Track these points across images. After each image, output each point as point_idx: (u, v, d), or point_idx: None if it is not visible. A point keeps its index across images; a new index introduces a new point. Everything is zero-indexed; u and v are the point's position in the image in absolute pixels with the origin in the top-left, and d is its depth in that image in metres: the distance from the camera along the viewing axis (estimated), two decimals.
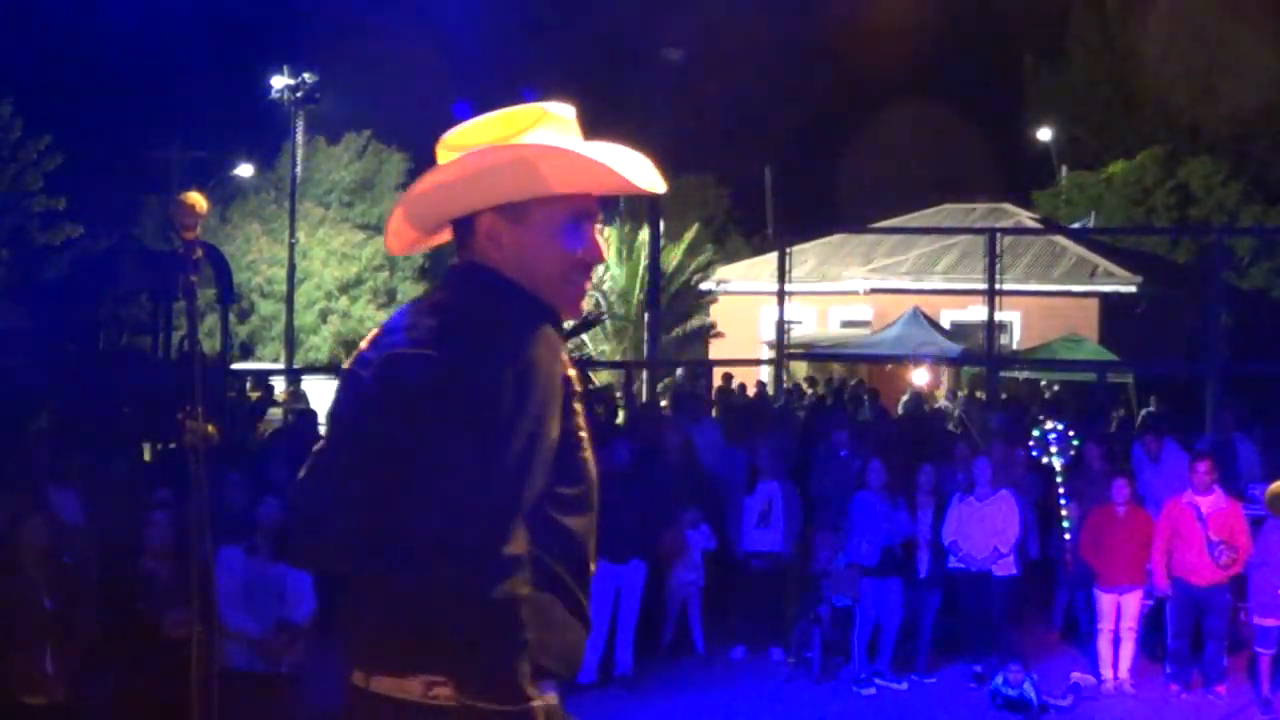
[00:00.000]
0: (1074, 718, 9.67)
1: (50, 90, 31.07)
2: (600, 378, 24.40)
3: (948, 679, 10.55)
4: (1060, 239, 28.72)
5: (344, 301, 34.09)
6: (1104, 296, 27.98)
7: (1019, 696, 9.50)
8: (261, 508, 7.42)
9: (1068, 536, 11.18)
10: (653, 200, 24.44)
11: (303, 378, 27.09)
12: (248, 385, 22.71)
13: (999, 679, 9.61)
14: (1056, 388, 24.27)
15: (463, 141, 2.58)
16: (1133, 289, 27.98)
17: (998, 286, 18.25)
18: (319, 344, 33.44)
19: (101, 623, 7.12)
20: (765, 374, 23.28)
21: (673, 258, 30.02)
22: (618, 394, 21.00)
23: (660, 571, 10.75)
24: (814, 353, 26.02)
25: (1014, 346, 26.70)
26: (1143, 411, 19.50)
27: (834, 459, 12.40)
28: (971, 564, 10.39)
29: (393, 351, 2.49)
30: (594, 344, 28.66)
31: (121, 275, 20.98)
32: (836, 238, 30.61)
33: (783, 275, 19.06)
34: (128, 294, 21.45)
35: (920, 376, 24.10)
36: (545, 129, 2.57)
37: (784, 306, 19.23)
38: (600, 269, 30.59)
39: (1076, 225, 32.42)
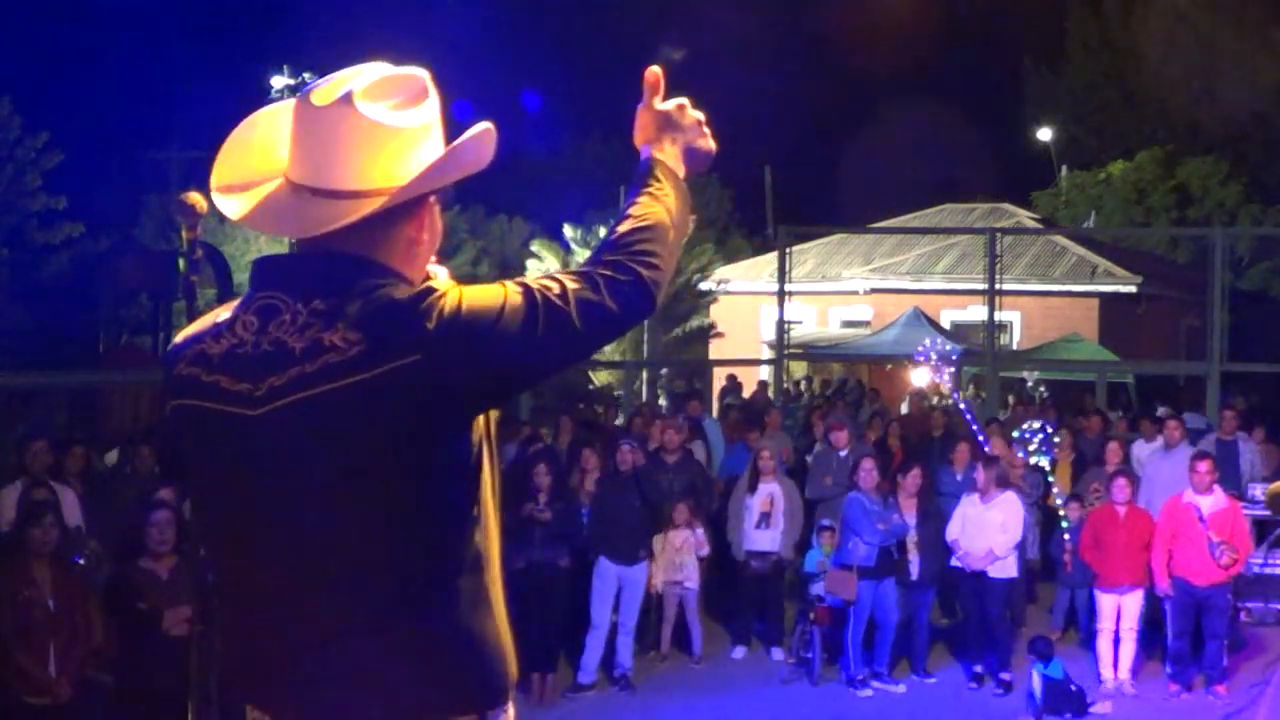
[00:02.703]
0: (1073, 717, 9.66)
1: (49, 88, 31.09)
2: (600, 378, 24.38)
3: (947, 679, 10.54)
4: (1060, 239, 28.72)
5: None
6: (1104, 296, 27.98)
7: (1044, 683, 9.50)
8: None
9: (1067, 537, 11.18)
10: None
11: None
12: None
13: (1037, 671, 9.53)
14: (1036, 384, 24.26)
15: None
16: (1133, 289, 27.99)
17: (998, 286, 18.25)
18: None
19: (103, 622, 7.12)
20: (765, 374, 23.27)
21: None
22: (618, 393, 20.98)
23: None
24: (814, 352, 26.02)
25: (1014, 346, 26.70)
26: (1159, 411, 19.53)
27: (833, 458, 12.39)
28: (970, 564, 10.38)
29: (346, 382, 2.12)
30: None
31: (121, 275, 21.00)
32: (836, 238, 30.62)
33: (783, 275, 19.06)
34: (128, 294, 21.46)
35: (920, 377, 24.08)
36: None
37: (784, 306, 19.23)
38: None
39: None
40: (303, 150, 2.26)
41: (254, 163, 2.35)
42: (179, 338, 2.37)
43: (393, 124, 2.23)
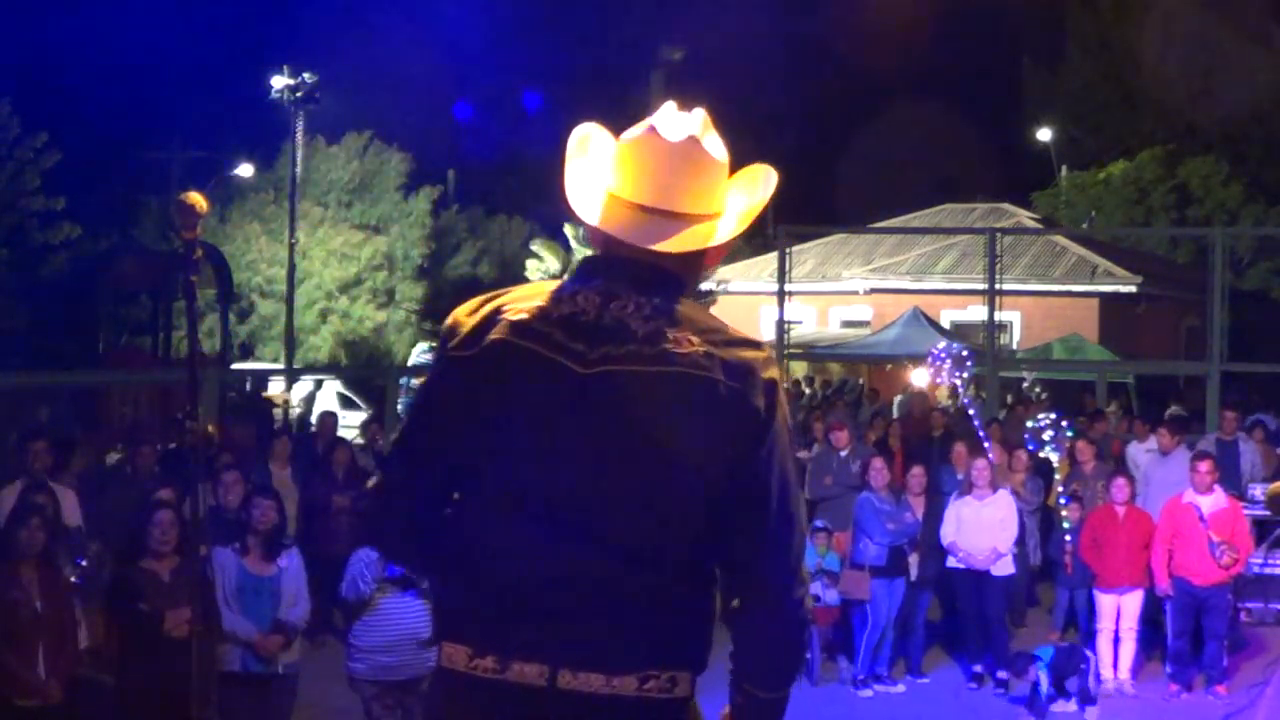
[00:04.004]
0: (1073, 718, 9.66)
1: (49, 88, 31.05)
2: None
3: (946, 679, 10.53)
4: (1060, 239, 28.73)
5: (344, 301, 34.10)
6: (1104, 296, 27.98)
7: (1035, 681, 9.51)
8: (252, 509, 7.40)
9: (1068, 538, 11.17)
10: None
11: (313, 379, 27.09)
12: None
13: (1040, 670, 9.53)
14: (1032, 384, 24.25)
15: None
16: (1133, 289, 27.99)
17: (998, 286, 18.24)
18: (319, 344, 33.43)
19: (101, 623, 7.12)
20: None
21: None
22: None
23: None
24: (814, 352, 26.02)
25: (1014, 346, 26.70)
26: (1168, 413, 19.53)
27: (833, 458, 12.38)
28: (970, 564, 10.38)
29: (701, 374, 2.51)
30: None
31: (121, 275, 21.00)
32: (836, 238, 30.61)
33: (783, 275, 19.05)
34: (128, 294, 21.46)
35: (920, 377, 24.08)
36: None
37: (784, 306, 19.22)
38: None
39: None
40: (653, 176, 2.60)
41: (593, 183, 2.68)
42: (492, 295, 2.66)
43: (720, 159, 2.66)
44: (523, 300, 2.61)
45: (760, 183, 2.73)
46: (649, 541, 2.50)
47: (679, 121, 2.63)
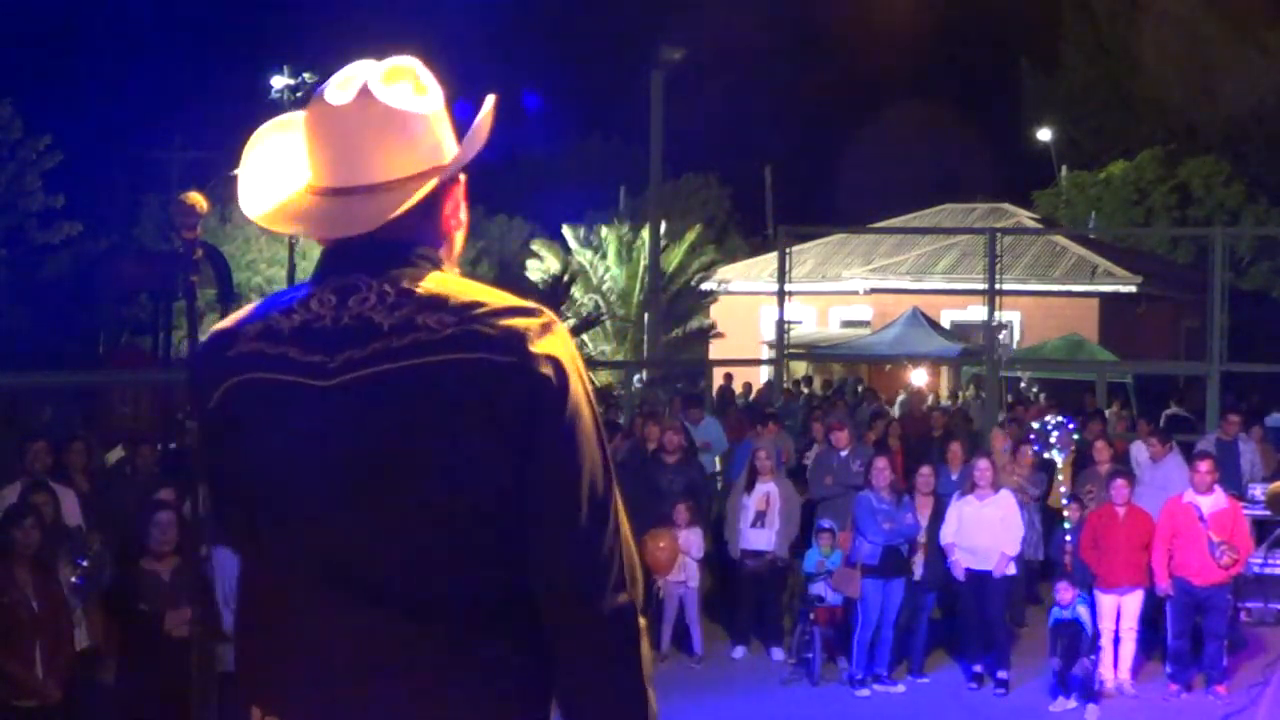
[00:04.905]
0: (1074, 716, 9.67)
1: (50, 89, 31.08)
2: (600, 378, 24.40)
3: (946, 679, 10.54)
4: (1060, 239, 28.74)
5: None
6: (1104, 296, 27.99)
7: (1075, 619, 9.57)
8: None
9: (1068, 538, 11.17)
10: (653, 201, 24.48)
11: None
12: None
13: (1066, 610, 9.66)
14: (1030, 384, 24.27)
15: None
16: (1133, 289, 27.99)
17: (998, 286, 18.25)
18: None
19: (99, 623, 7.11)
20: (765, 374, 23.28)
21: (673, 258, 30.03)
22: (618, 393, 21.02)
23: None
24: (814, 352, 26.02)
25: (1014, 346, 26.72)
26: (1165, 412, 19.54)
27: (833, 458, 12.39)
28: (976, 564, 10.36)
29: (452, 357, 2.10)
30: (594, 344, 28.68)
31: (121, 275, 20.99)
32: (836, 238, 30.63)
33: (783, 275, 19.07)
34: (128, 294, 21.45)
35: (919, 377, 24.12)
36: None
37: (784, 306, 19.23)
38: (601, 269, 30.57)
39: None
40: (330, 153, 2.20)
41: (279, 179, 2.29)
42: (226, 323, 2.26)
43: (416, 109, 2.22)
44: (250, 323, 2.20)
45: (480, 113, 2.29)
46: (441, 575, 2.10)
47: (349, 80, 2.20)
